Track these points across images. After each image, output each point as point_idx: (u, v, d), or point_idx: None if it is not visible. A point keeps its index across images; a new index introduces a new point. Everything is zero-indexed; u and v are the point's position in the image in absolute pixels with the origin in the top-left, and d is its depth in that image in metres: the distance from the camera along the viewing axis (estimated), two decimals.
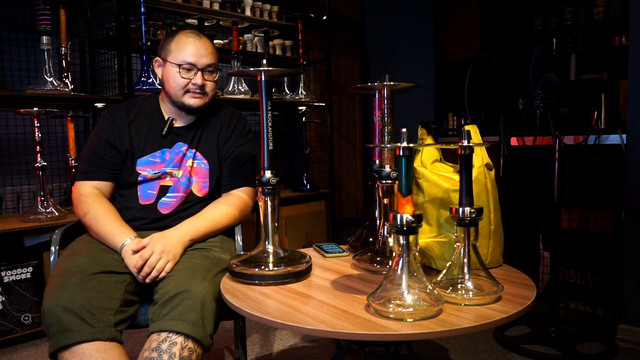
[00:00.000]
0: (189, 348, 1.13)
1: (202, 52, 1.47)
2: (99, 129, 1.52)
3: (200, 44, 1.48)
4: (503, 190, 1.91)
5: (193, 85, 1.47)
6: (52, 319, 1.13)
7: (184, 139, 1.53)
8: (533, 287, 1.14)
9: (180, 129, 1.54)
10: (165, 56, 1.50)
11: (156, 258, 1.28)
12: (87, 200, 1.42)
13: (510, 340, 2.09)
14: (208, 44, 1.51)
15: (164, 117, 1.54)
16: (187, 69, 1.47)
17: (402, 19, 3.94)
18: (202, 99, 1.50)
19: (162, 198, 1.49)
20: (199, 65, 1.47)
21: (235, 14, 3.03)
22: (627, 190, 2.13)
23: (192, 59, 1.46)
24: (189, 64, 1.46)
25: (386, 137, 1.30)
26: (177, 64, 1.46)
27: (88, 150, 1.50)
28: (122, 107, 1.56)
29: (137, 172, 1.48)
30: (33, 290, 2.19)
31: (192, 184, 1.52)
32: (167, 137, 1.52)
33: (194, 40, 1.48)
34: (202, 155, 1.54)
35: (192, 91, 1.48)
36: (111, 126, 1.50)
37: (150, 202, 1.49)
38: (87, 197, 1.43)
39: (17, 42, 2.56)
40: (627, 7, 2.50)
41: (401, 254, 1.00)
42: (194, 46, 1.47)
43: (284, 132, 3.82)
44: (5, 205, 2.57)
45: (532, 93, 2.18)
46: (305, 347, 2.13)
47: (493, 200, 1.27)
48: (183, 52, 1.46)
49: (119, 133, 1.50)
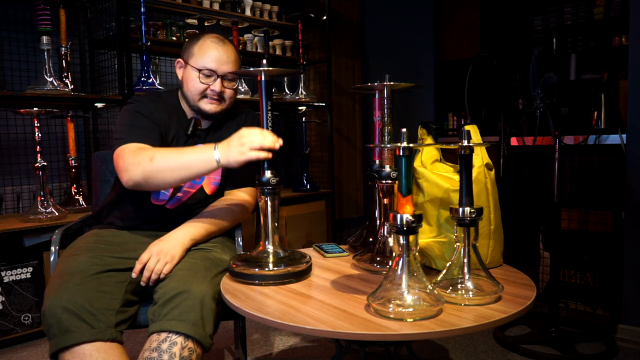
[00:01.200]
0: (189, 348, 1.13)
1: (224, 59, 1.46)
2: (135, 107, 1.43)
3: (223, 51, 1.46)
4: (503, 190, 1.91)
5: (211, 92, 1.46)
6: (53, 319, 1.13)
7: (203, 141, 1.51)
8: (533, 287, 1.14)
9: (201, 131, 1.53)
10: (187, 59, 1.48)
11: (154, 261, 1.28)
12: (144, 147, 1.32)
13: (510, 340, 2.09)
14: (232, 51, 1.49)
15: (187, 115, 1.53)
16: (207, 74, 1.45)
17: (402, 19, 3.94)
18: (219, 105, 1.49)
19: (174, 196, 1.48)
20: (219, 72, 1.45)
21: (235, 14, 3.03)
22: (627, 190, 2.13)
23: (214, 65, 1.44)
24: (210, 70, 1.45)
25: (386, 137, 1.30)
26: (198, 68, 1.45)
27: (127, 124, 1.39)
28: (155, 95, 1.52)
29: None
30: (33, 290, 2.19)
31: (203, 179, 1.51)
32: (191, 137, 1.51)
33: (217, 47, 1.46)
34: None
35: (209, 97, 1.47)
36: (149, 106, 1.45)
37: (163, 202, 1.48)
38: (141, 149, 1.31)
39: (17, 42, 2.56)
40: (627, 7, 2.50)
41: (401, 254, 1.00)
42: (216, 52, 1.45)
43: (284, 132, 3.81)
44: (5, 205, 2.57)
45: (532, 93, 2.18)
46: (305, 347, 2.13)
47: (493, 200, 1.27)
48: (205, 57, 1.45)
49: (156, 113, 1.45)
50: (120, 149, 1.34)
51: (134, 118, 1.41)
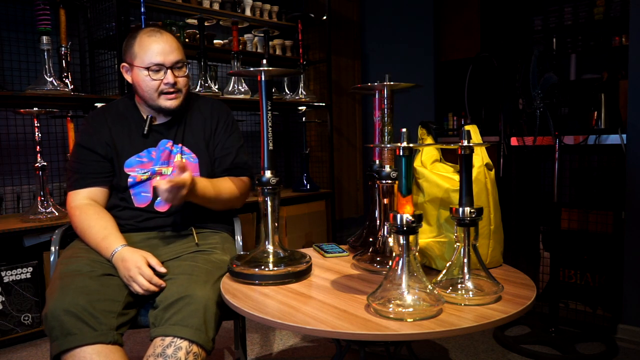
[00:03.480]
0: (194, 352, 1.13)
1: (167, 49, 1.44)
2: (78, 138, 1.50)
3: (164, 42, 1.44)
4: (503, 190, 1.91)
5: (165, 85, 1.44)
6: (55, 322, 1.13)
7: (166, 136, 1.51)
8: (533, 287, 1.14)
9: (161, 127, 1.52)
10: (131, 60, 1.46)
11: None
12: (74, 214, 1.42)
13: (510, 340, 2.09)
14: (172, 39, 1.47)
15: (143, 116, 1.53)
16: (155, 70, 1.43)
17: (402, 19, 3.94)
18: (177, 98, 1.48)
19: (158, 198, 1.48)
20: (167, 64, 1.44)
21: (235, 14, 3.03)
22: (627, 190, 2.13)
23: (159, 59, 1.43)
24: (157, 65, 1.43)
25: (386, 137, 1.30)
26: (145, 67, 1.43)
27: (72, 161, 1.49)
28: (99, 112, 1.55)
29: (125, 174, 1.47)
30: (33, 290, 2.19)
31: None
32: (150, 136, 1.50)
33: (156, 39, 1.44)
34: (190, 150, 1.52)
35: (165, 92, 1.45)
36: (90, 132, 1.49)
37: (146, 204, 1.48)
38: (74, 210, 1.42)
39: (17, 42, 2.56)
40: (627, 7, 2.50)
41: (401, 254, 1.00)
42: (158, 45, 1.43)
43: (284, 132, 3.81)
44: (5, 205, 2.57)
45: (532, 93, 2.18)
46: (305, 347, 2.13)
47: (493, 200, 1.27)
48: (148, 53, 1.43)
49: (99, 137, 1.48)
50: (68, 195, 1.48)
51: (76, 153, 1.49)
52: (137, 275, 1.24)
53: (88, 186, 1.46)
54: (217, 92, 2.89)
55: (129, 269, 1.25)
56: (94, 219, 1.39)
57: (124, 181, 1.47)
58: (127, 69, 1.49)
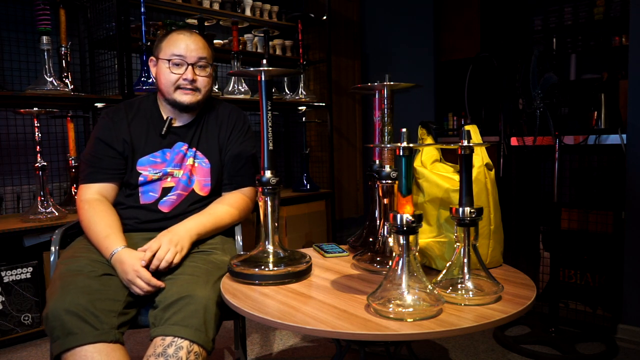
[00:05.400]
0: (195, 352, 1.13)
1: (191, 46, 1.46)
2: (97, 131, 1.51)
3: (190, 39, 1.47)
4: (503, 190, 1.91)
5: (184, 81, 1.46)
6: (56, 322, 1.13)
7: (183, 139, 1.52)
8: (533, 287, 1.14)
9: (179, 129, 1.53)
10: (157, 54, 1.50)
11: (164, 250, 1.28)
12: (83, 207, 1.42)
13: (510, 340, 2.09)
14: (199, 39, 1.49)
15: (163, 117, 1.54)
16: (177, 63, 1.45)
17: (402, 19, 3.94)
18: (194, 95, 1.48)
19: (164, 197, 1.48)
20: (188, 60, 1.45)
21: (235, 14, 3.03)
22: (627, 190, 2.13)
23: (182, 52, 1.45)
24: (178, 57, 1.45)
25: (386, 137, 1.30)
26: (167, 59, 1.46)
27: (88, 153, 1.49)
28: (121, 108, 1.55)
29: (137, 172, 1.48)
30: (33, 290, 2.19)
31: (194, 182, 1.51)
32: (167, 137, 1.51)
33: (184, 37, 1.47)
34: (203, 154, 1.53)
35: (183, 87, 1.46)
36: (109, 127, 1.49)
37: (151, 202, 1.48)
38: (84, 204, 1.43)
39: (17, 42, 2.56)
40: (627, 7, 2.50)
41: (401, 254, 1.00)
42: (183, 41, 1.46)
43: (284, 132, 3.81)
44: (5, 205, 2.57)
45: (532, 93, 2.18)
46: (305, 347, 2.13)
47: (493, 200, 1.27)
48: (172, 47, 1.46)
49: (117, 133, 1.49)
50: (80, 188, 1.49)
51: (92, 146, 1.49)
52: (135, 278, 1.24)
53: (100, 181, 1.47)
54: (217, 92, 2.89)
55: (127, 272, 1.25)
56: (100, 215, 1.39)
57: (135, 179, 1.47)
58: (154, 63, 1.52)
